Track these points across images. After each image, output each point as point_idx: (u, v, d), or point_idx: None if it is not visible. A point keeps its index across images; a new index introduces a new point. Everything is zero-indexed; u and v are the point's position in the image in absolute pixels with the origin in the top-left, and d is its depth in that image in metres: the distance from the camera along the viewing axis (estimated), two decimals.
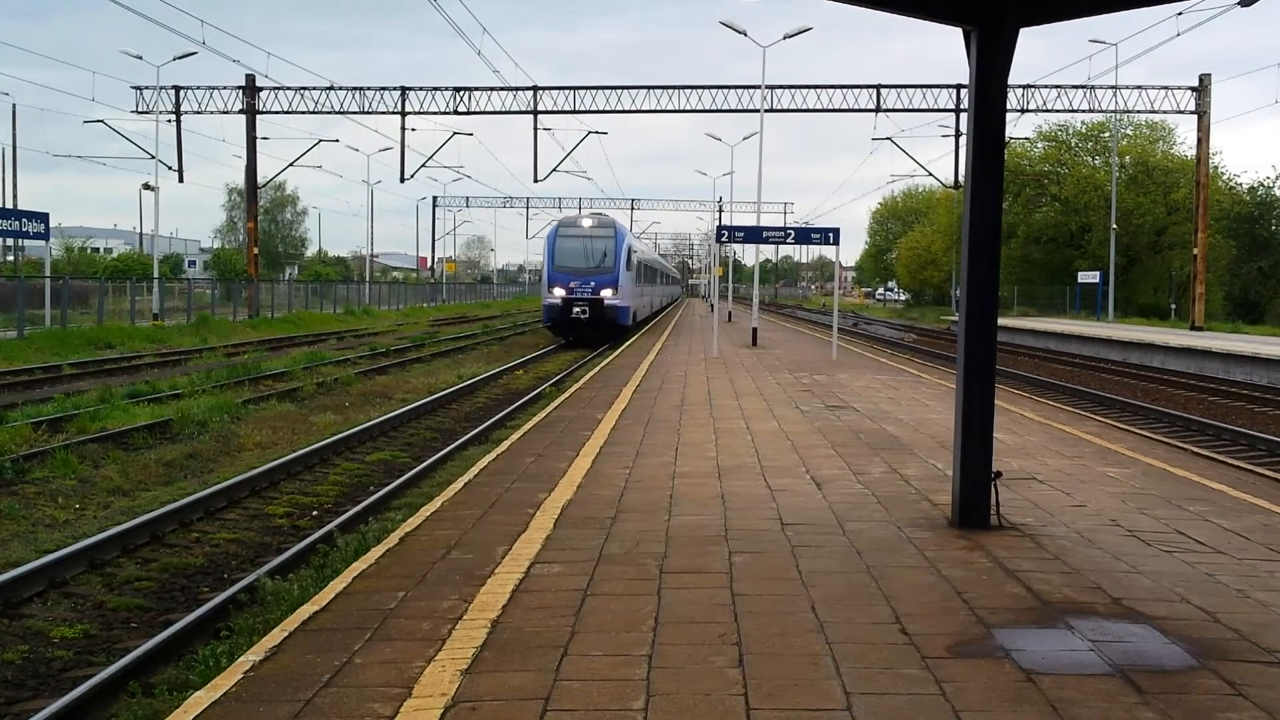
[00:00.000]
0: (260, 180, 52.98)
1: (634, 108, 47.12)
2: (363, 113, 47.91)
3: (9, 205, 56.25)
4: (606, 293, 37.30)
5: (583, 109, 47.18)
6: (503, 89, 46.72)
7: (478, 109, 47.66)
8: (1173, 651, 5.45)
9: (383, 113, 48.06)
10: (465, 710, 4.60)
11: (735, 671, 5.04)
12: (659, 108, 46.84)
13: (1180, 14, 35.73)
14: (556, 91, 47.50)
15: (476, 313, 74.46)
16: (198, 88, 48.23)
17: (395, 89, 47.73)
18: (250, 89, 48.16)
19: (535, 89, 47.08)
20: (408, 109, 47.78)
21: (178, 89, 47.95)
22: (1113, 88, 47.06)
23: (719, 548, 7.38)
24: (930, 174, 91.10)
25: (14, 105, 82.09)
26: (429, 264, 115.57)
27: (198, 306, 48.16)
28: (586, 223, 39.79)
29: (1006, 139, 13.68)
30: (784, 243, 40.24)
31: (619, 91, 47.30)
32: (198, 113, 48.38)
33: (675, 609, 5.99)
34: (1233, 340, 35.93)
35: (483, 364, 30.02)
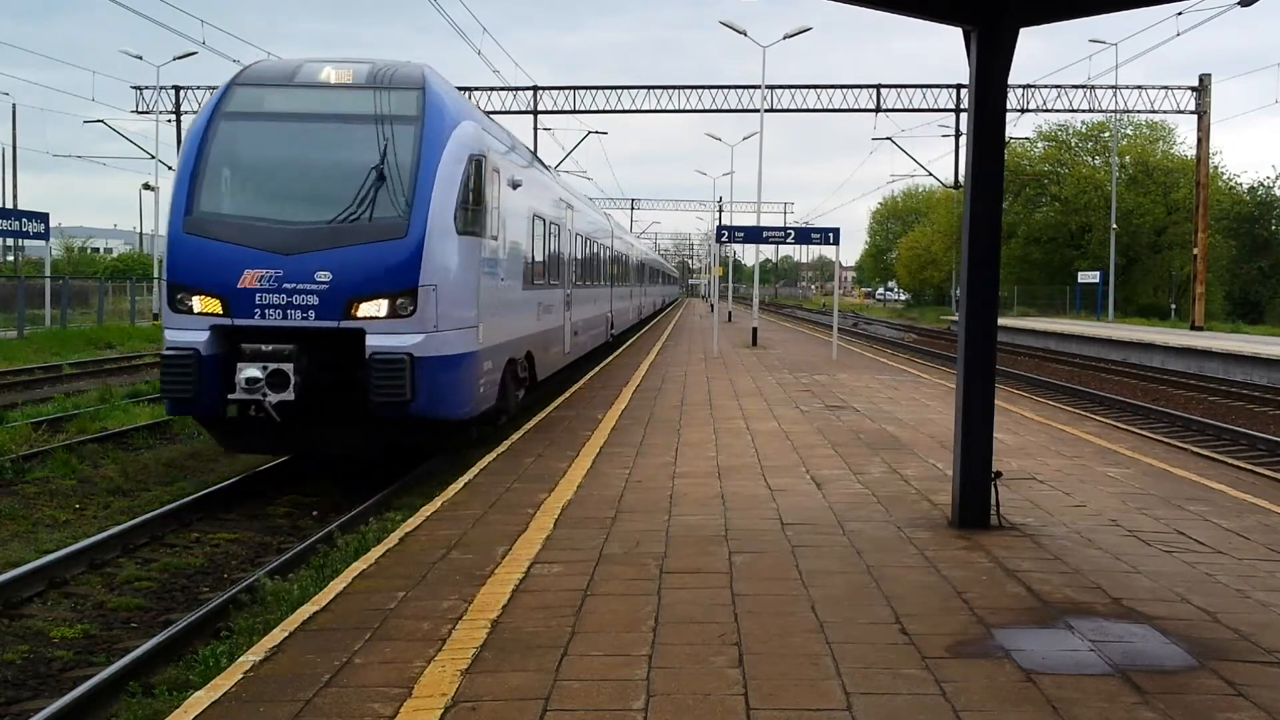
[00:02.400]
0: None
1: (634, 108, 47.07)
2: None
3: (9, 205, 56.27)
4: (372, 307, 10.77)
5: (583, 109, 47.14)
6: (503, 89, 46.68)
7: (477, 106, 47.60)
8: (1173, 651, 5.45)
9: None
10: (465, 710, 4.61)
11: (735, 671, 5.04)
12: (659, 108, 46.80)
13: (1180, 14, 35.76)
14: (556, 91, 47.47)
15: None
16: (198, 88, 48.18)
17: None
18: None
19: (535, 89, 47.05)
20: None
21: (178, 89, 47.97)
22: (1113, 88, 47.04)
23: (719, 548, 7.38)
24: (930, 174, 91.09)
25: (14, 105, 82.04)
26: None
27: None
28: (326, 74, 11.78)
29: (1006, 139, 13.69)
30: (784, 243, 40.22)
31: (619, 91, 47.28)
32: (198, 113, 48.30)
33: (675, 609, 5.99)
34: (1233, 340, 35.92)
35: None
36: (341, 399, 10.99)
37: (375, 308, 10.65)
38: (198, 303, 10.87)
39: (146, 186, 59.47)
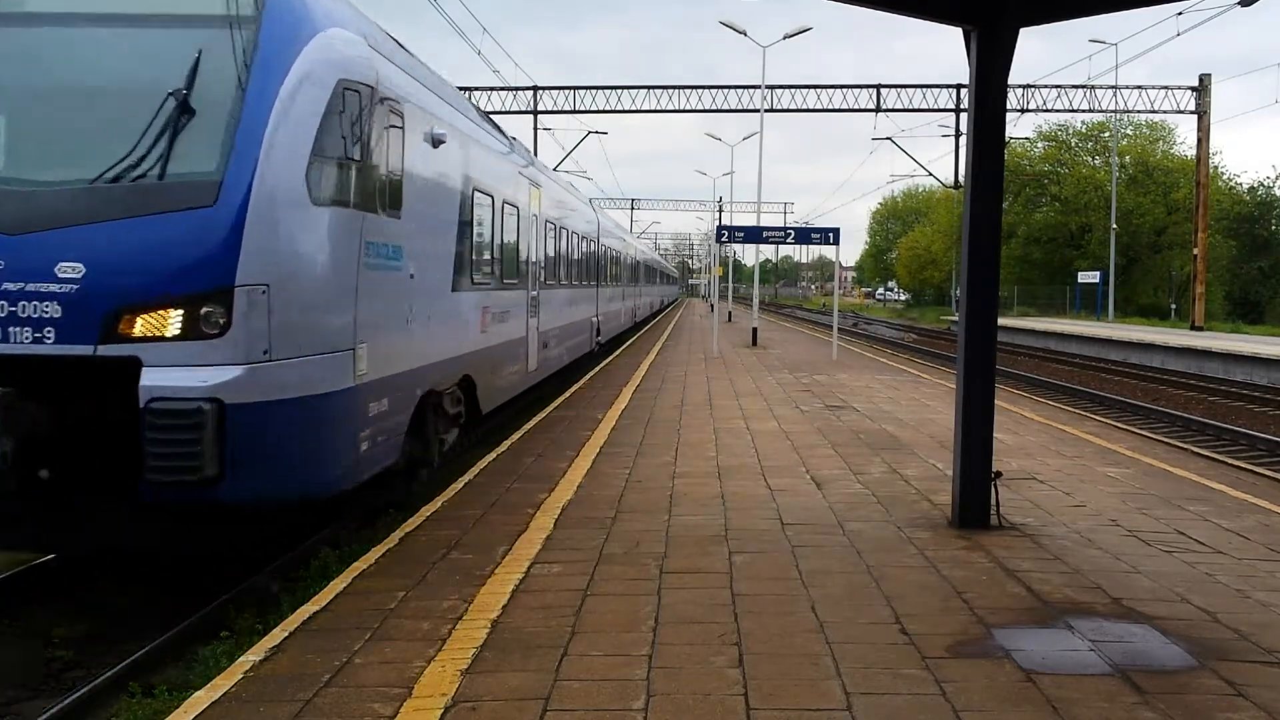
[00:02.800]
0: None
1: (634, 108, 47.06)
2: None
3: None
4: (153, 322, 6.64)
5: (583, 109, 47.12)
6: (503, 89, 46.67)
7: (476, 106, 47.57)
8: (1173, 651, 5.45)
9: None
10: (465, 710, 4.61)
11: (735, 671, 5.04)
12: (659, 108, 46.80)
13: (1180, 14, 35.81)
14: (556, 91, 47.48)
15: None
16: None
17: None
18: None
19: (535, 89, 47.05)
20: None
21: None
22: (1113, 88, 47.05)
23: (719, 548, 7.38)
24: (930, 174, 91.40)
25: None
26: None
27: None
28: None
29: (1006, 139, 13.69)
30: (784, 243, 40.22)
31: (619, 91, 47.26)
32: None
33: (675, 609, 5.99)
34: (1233, 340, 35.92)
35: None
36: (102, 472, 6.85)
37: (158, 322, 6.62)
38: None
39: None
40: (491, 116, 15.57)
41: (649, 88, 46.96)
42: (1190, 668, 5.23)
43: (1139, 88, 47.63)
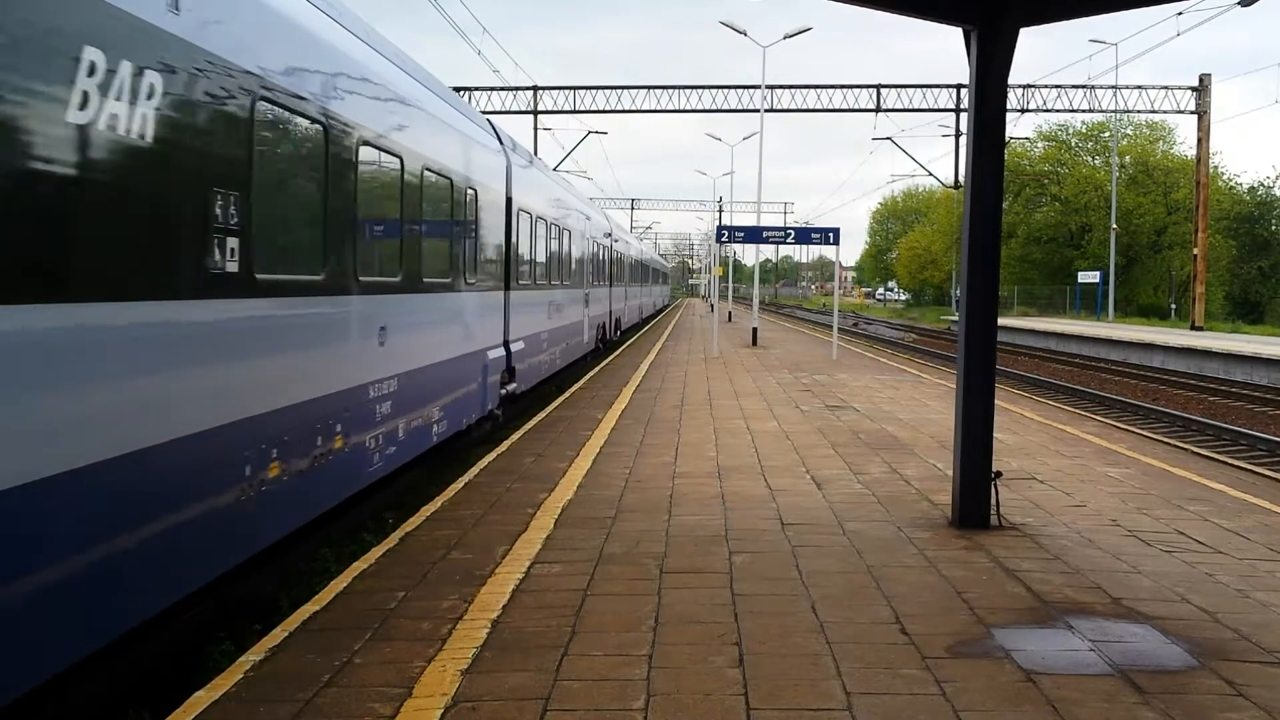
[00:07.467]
0: None
1: (635, 108, 47.10)
2: None
3: None
4: None
5: (583, 109, 47.17)
6: (503, 89, 46.71)
7: (478, 108, 47.61)
8: (1173, 651, 5.45)
9: None
10: (465, 710, 4.61)
11: (735, 671, 5.04)
12: (659, 108, 46.83)
13: (1180, 14, 35.85)
14: (556, 91, 47.51)
15: None
16: None
17: None
18: None
19: (535, 89, 47.07)
20: None
21: None
22: (1113, 88, 47.06)
23: (719, 548, 7.38)
24: (930, 174, 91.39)
25: None
26: None
27: None
28: None
29: (1006, 139, 13.70)
30: (784, 243, 40.21)
31: (619, 91, 47.32)
32: None
33: (675, 609, 5.99)
34: (1233, 340, 35.92)
35: None
36: None
37: None
38: None
39: None
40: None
41: (649, 88, 47.00)
42: (1190, 668, 5.23)
43: (1139, 88, 47.68)
